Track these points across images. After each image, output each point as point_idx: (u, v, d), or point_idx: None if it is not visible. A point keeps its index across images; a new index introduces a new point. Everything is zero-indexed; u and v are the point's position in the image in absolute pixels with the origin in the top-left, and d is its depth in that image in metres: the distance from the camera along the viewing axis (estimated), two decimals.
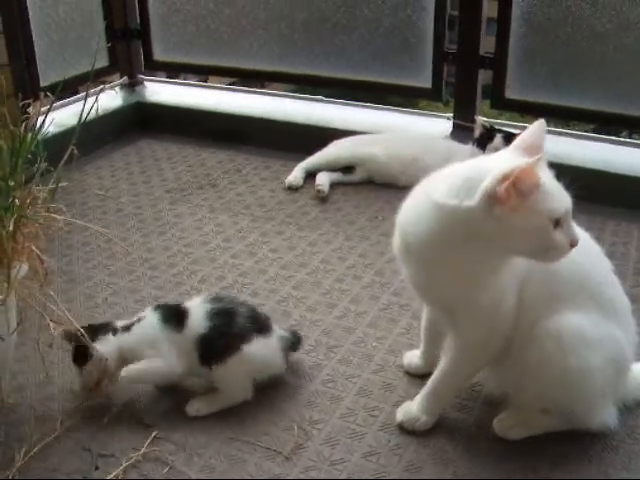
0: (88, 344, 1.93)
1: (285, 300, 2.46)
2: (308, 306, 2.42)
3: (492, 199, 1.55)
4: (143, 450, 1.85)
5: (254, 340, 1.96)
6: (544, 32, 3.33)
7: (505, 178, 1.53)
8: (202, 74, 5.43)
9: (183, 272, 2.64)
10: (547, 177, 1.60)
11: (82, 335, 1.92)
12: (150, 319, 2.00)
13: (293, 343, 2.09)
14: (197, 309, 2.00)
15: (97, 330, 1.99)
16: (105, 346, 1.96)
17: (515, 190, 1.53)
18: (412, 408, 1.92)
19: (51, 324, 1.81)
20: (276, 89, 4.77)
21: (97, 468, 1.81)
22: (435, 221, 1.65)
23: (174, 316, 1.99)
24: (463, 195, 1.59)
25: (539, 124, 1.70)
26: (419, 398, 1.92)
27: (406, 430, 1.90)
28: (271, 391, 2.01)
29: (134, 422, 1.95)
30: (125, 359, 1.97)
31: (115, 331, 2.00)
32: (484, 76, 3.54)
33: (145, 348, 1.96)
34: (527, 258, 1.68)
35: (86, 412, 1.98)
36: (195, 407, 1.97)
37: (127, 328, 2.00)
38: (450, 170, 1.71)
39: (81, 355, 1.96)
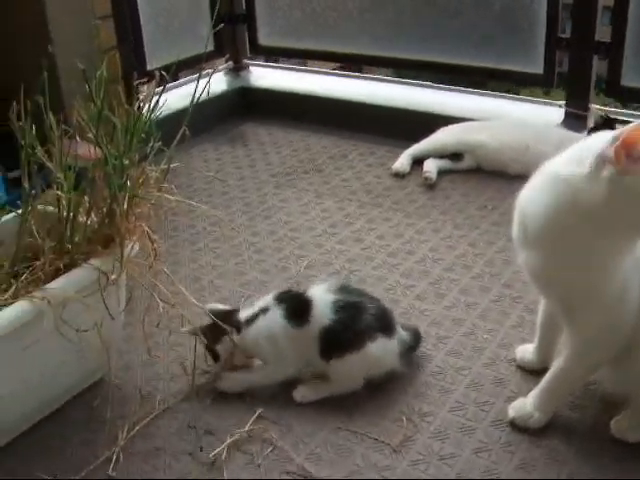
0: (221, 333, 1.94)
1: (393, 288, 2.40)
2: (416, 295, 2.36)
3: (602, 161, 1.49)
4: (247, 427, 1.84)
5: (378, 339, 1.91)
6: None
7: (615, 140, 1.47)
8: (307, 59, 5.40)
9: (289, 257, 2.62)
10: None
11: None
12: (274, 314, 1.95)
13: (412, 346, 2.04)
14: (322, 299, 1.94)
15: (225, 323, 1.96)
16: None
17: (625, 151, 1.46)
18: (525, 405, 1.84)
19: (160, 304, 1.81)
20: (378, 74, 4.70)
21: (202, 449, 1.80)
22: (553, 195, 1.59)
23: (298, 309, 1.93)
24: (577, 163, 1.54)
25: None
26: (533, 394, 1.84)
27: (518, 427, 1.83)
28: (379, 381, 1.96)
29: (239, 403, 1.93)
30: (245, 351, 1.97)
31: (239, 329, 1.96)
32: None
33: (265, 345, 1.94)
34: None
35: (191, 393, 1.97)
36: (302, 393, 1.94)
37: (250, 321, 1.96)
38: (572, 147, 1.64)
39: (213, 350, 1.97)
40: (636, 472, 1.70)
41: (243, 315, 1.98)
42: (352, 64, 5.84)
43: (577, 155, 1.57)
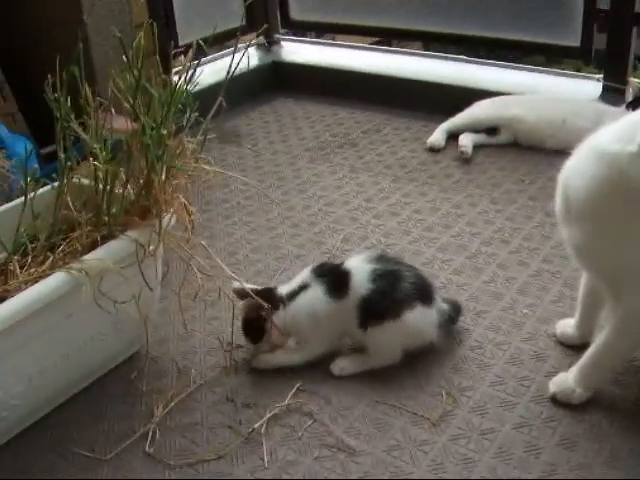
0: (266, 320, 1.92)
1: (430, 262, 2.38)
2: (454, 269, 2.34)
3: None
4: (287, 401, 1.83)
5: (416, 308, 1.88)
6: None
7: None
8: (338, 33, 5.37)
9: (325, 231, 2.60)
10: None
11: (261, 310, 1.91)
12: (315, 290, 1.92)
13: (452, 317, 2.01)
14: (360, 270, 1.91)
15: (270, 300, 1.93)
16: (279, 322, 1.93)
17: None
18: (567, 380, 1.81)
19: (198, 275, 1.79)
20: (412, 48, 4.66)
21: (240, 422, 1.79)
22: (599, 172, 1.56)
23: (337, 282, 1.91)
24: (627, 140, 1.50)
25: None
26: (575, 370, 1.81)
27: (560, 402, 1.80)
28: (418, 355, 1.94)
29: (277, 376, 1.92)
30: (287, 329, 1.95)
31: (283, 304, 1.93)
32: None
33: (307, 322, 1.91)
34: None
35: (228, 366, 1.97)
36: (340, 366, 1.93)
37: (292, 297, 1.93)
38: (619, 121, 1.60)
39: (255, 330, 1.94)
40: None
41: (282, 291, 1.96)
42: (385, 38, 5.77)
43: (626, 131, 1.53)
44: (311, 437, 1.74)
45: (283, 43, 4.32)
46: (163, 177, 1.77)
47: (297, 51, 4.24)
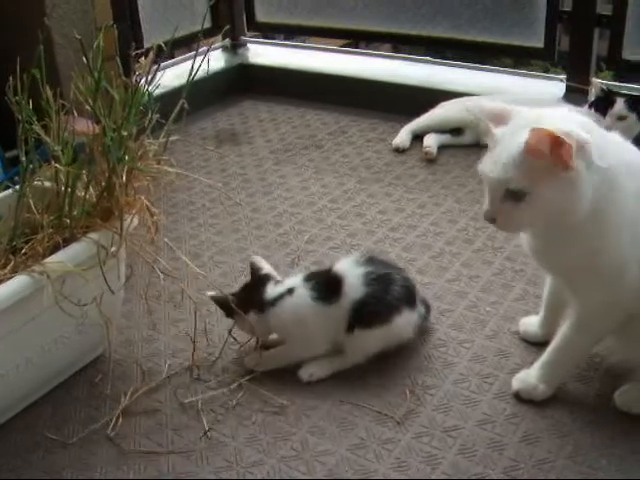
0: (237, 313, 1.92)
1: (395, 262, 2.38)
2: (418, 268, 2.35)
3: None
4: (252, 402, 1.84)
5: (403, 313, 1.90)
6: None
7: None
8: (305, 35, 5.37)
9: (290, 232, 2.60)
10: None
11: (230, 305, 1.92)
12: (302, 294, 1.91)
13: (425, 317, 2.04)
14: (352, 274, 1.90)
15: (254, 296, 1.94)
16: (256, 318, 1.92)
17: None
18: (529, 376, 1.83)
19: (161, 276, 1.79)
20: (380, 50, 4.68)
21: (205, 424, 1.78)
22: None
23: (328, 289, 1.90)
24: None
25: None
26: (537, 366, 1.83)
27: (522, 399, 1.81)
28: (382, 354, 1.94)
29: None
30: (272, 330, 1.96)
31: (266, 303, 1.92)
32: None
33: (292, 327, 1.91)
34: None
35: (192, 367, 1.96)
36: (309, 372, 1.91)
37: (278, 300, 1.91)
38: None
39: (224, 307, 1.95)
40: None
41: (268, 292, 1.94)
42: (353, 40, 5.80)
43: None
44: (276, 437, 1.74)
45: (250, 45, 4.31)
46: (124, 179, 1.77)
47: (264, 53, 4.24)
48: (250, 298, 1.93)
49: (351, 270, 1.91)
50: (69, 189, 1.80)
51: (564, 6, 3.39)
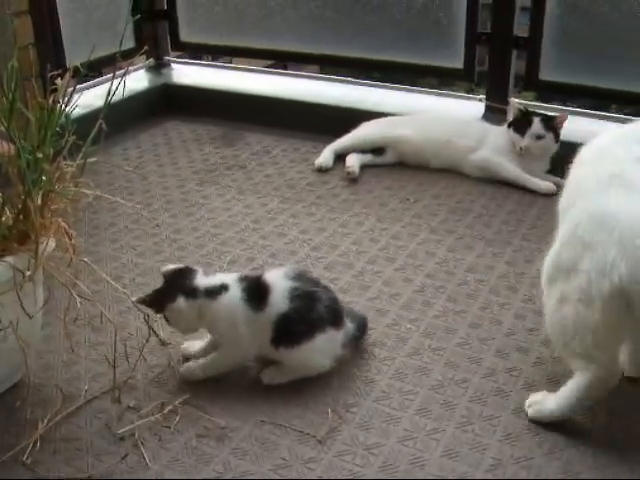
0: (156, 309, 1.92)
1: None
2: (340, 287, 2.36)
3: None
4: (172, 426, 1.83)
5: (327, 332, 1.92)
6: (580, 12, 3.25)
7: None
8: (230, 55, 5.38)
9: (212, 253, 2.60)
10: None
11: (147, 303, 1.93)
12: (235, 294, 1.92)
13: (356, 336, 2.05)
14: (279, 286, 1.92)
15: (181, 283, 1.93)
16: (186, 305, 1.91)
17: None
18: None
19: (78, 299, 1.77)
20: (305, 71, 4.71)
21: (126, 450, 1.76)
22: None
23: (258, 293, 1.91)
24: None
25: None
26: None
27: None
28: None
29: (162, 399, 1.91)
30: (202, 324, 1.95)
31: (197, 293, 1.92)
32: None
33: (225, 326, 1.91)
34: None
35: (113, 390, 1.93)
36: (269, 375, 1.95)
37: (211, 294, 1.92)
38: None
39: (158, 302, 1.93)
40: None
41: (204, 283, 1.94)
42: (276, 60, 5.82)
43: None
44: (198, 460, 1.73)
45: (174, 65, 4.31)
46: (40, 201, 1.75)
47: (188, 73, 4.24)
48: (178, 284, 1.93)
49: (279, 282, 1.93)
50: None
51: (483, 28, 3.47)
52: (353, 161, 3.19)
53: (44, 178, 1.77)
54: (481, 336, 2.13)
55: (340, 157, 3.27)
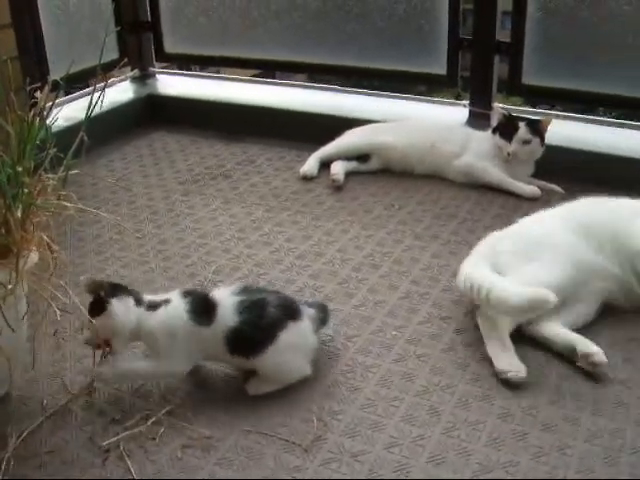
0: (107, 297, 1.88)
1: (302, 290, 2.40)
2: (325, 295, 2.37)
3: None
4: (157, 438, 1.81)
5: (289, 326, 1.92)
6: (561, 16, 3.28)
7: None
8: (214, 66, 5.39)
9: (197, 263, 2.59)
10: None
11: (103, 286, 1.89)
12: (178, 307, 1.92)
13: (322, 319, 2.05)
14: (226, 302, 1.93)
15: (121, 289, 1.92)
16: (124, 309, 1.89)
17: None
18: None
19: (57, 312, 1.77)
20: (289, 79, 4.72)
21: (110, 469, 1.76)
22: None
23: (202, 309, 1.92)
24: None
25: None
26: None
27: None
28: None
29: (146, 409, 1.91)
30: (139, 336, 1.93)
31: (139, 302, 1.92)
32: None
33: (163, 337, 1.90)
34: None
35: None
36: (255, 385, 1.95)
37: (153, 307, 1.92)
38: None
39: (96, 306, 1.88)
40: None
41: (148, 298, 1.95)
42: (262, 70, 5.84)
43: None
44: (184, 471, 1.73)
45: (159, 76, 4.32)
46: (21, 215, 1.74)
47: (173, 84, 4.25)
48: (123, 288, 1.93)
49: (226, 299, 1.94)
50: None
51: (465, 33, 3.49)
52: (338, 169, 3.20)
53: (25, 191, 1.77)
54: (466, 341, 2.13)
55: (325, 165, 3.28)
